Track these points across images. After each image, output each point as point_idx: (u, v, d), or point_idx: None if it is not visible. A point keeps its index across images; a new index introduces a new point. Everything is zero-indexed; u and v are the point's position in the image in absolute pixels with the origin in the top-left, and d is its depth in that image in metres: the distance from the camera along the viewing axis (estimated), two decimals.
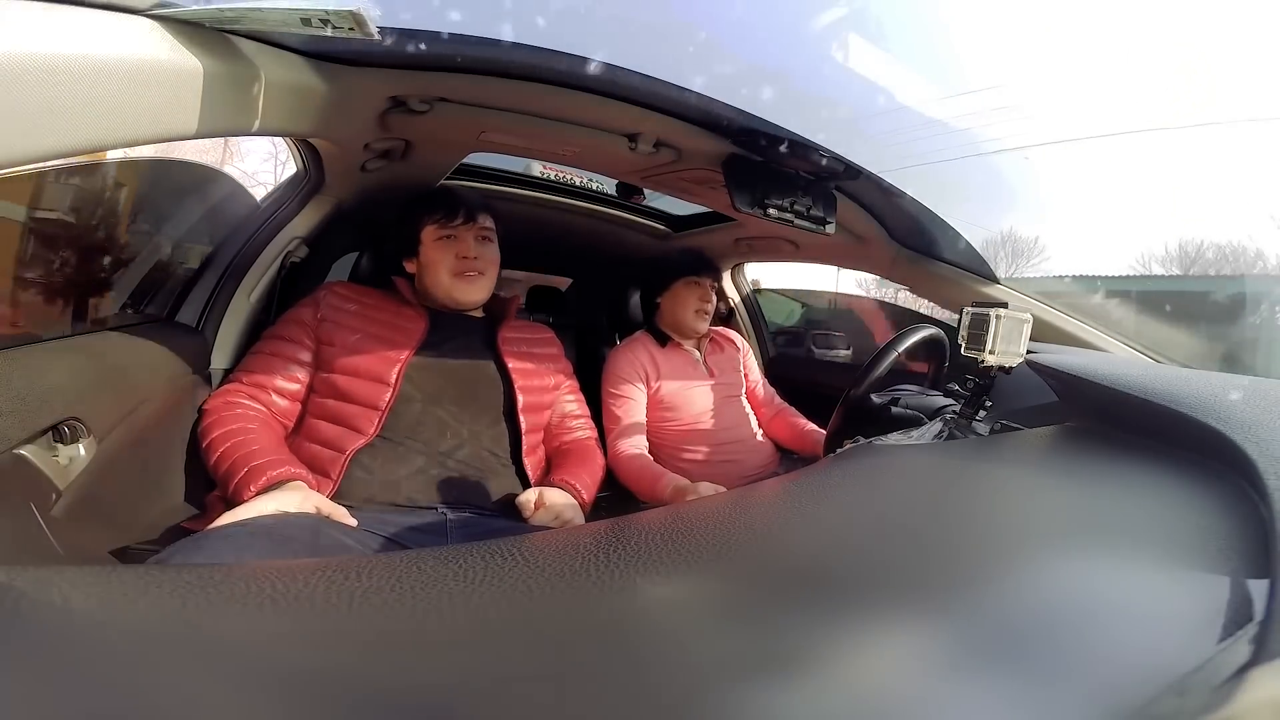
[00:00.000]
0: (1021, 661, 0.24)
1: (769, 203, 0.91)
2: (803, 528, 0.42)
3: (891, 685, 0.23)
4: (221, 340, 1.01)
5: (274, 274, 1.06)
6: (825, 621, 0.27)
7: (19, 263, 0.81)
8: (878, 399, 0.93)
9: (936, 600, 0.29)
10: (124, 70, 0.41)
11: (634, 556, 0.32)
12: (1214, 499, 0.40)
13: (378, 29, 0.46)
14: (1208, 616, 0.28)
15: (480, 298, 0.96)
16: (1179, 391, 0.50)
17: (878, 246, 1.24)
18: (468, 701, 0.20)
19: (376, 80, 0.70)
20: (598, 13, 0.79)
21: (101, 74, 0.40)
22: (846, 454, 0.68)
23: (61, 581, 0.24)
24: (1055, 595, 0.30)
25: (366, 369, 0.84)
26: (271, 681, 0.20)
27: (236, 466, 0.72)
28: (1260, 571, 0.30)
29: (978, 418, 0.79)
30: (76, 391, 0.68)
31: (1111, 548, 0.36)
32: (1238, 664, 0.23)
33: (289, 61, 0.58)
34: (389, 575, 0.27)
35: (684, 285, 1.27)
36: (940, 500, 0.49)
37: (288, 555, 0.55)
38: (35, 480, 0.62)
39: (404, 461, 0.82)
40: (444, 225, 0.92)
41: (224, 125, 0.53)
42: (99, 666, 0.19)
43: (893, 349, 0.92)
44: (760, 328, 1.83)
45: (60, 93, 0.38)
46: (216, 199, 1.14)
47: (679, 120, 0.84)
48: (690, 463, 1.21)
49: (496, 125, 0.89)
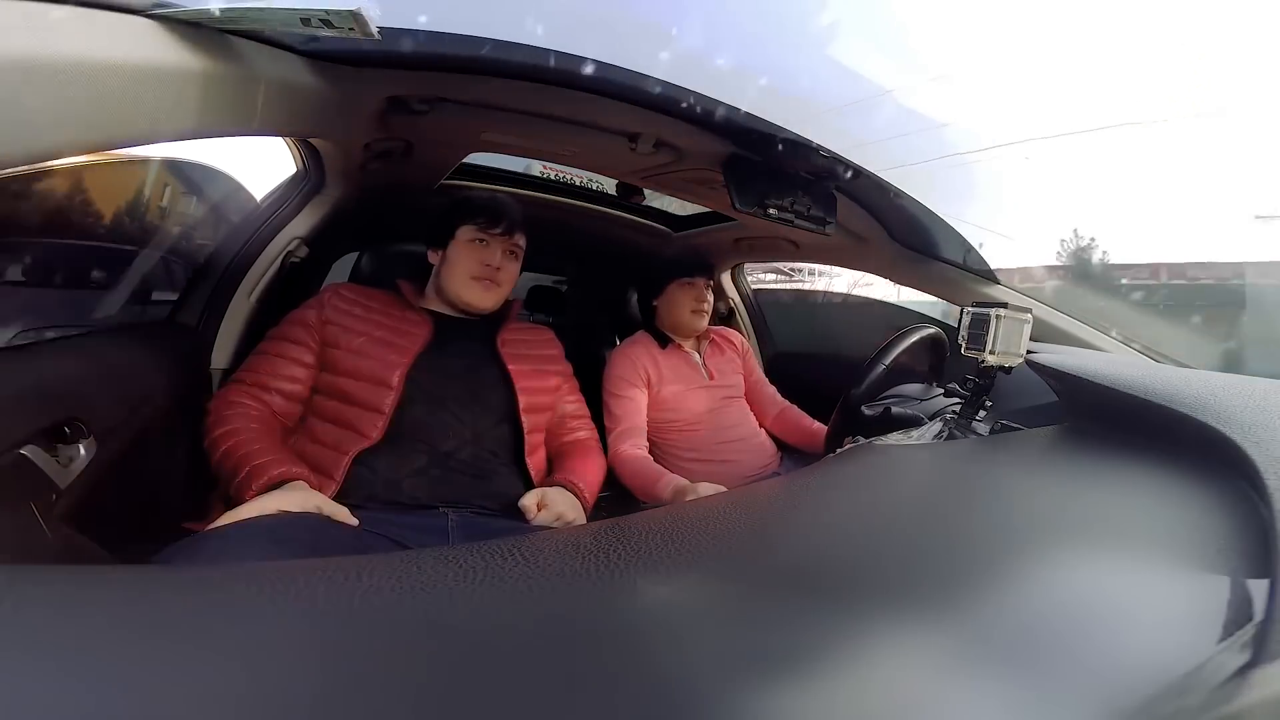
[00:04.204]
0: (1021, 662, 0.24)
1: (769, 203, 0.91)
2: (803, 528, 0.42)
3: (892, 685, 0.23)
4: (221, 340, 1.01)
5: (274, 274, 1.06)
6: (826, 621, 0.27)
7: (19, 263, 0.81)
8: (876, 403, 0.93)
9: (937, 600, 0.29)
10: (124, 70, 0.41)
11: (634, 556, 0.32)
12: (1214, 499, 0.40)
13: (378, 29, 0.46)
14: (1208, 616, 0.28)
15: (490, 306, 0.97)
16: (1179, 391, 0.50)
17: (878, 246, 1.24)
18: (469, 702, 0.20)
19: (376, 80, 0.70)
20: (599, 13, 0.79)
21: (101, 74, 0.40)
22: (846, 454, 0.68)
23: (61, 581, 0.24)
24: (1055, 595, 0.30)
25: (370, 372, 0.84)
26: (271, 682, 0.20)
27: (238, 466, 0.72)
28: (1260, 571, 0.30)
29: (978, 418, 0.79)
30: (76, 391, 0.68)
31: (1111, 548, 0.36)
32: (1238, 664, 0.23)
33: (289, 61, 0.58)
34: (390, 575, 0.27)
35: (678, 287, 1.27)
36: (940, 500, 0.49)
37: (288, 555, 0.55)
38: (35, 480, 0.62)
39: (406, 462, 0.82)
40: (481, 230, 0.94)
41: (224, 125, 0.53)
42: (99, 666, 0.19)
43: (893, 349, 0.92)
44: (761, 327, 1.83)
45: (60, 92, 0.38)
46: (216, 199, 1.14)
47: (679, 120, 0.83)
48: (690, 463, 1.21)
49: (496, 125, 0.89)
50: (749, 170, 0.92)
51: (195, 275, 1.02)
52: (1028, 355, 0.73)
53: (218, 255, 1.04)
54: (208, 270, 1.03)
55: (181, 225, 1.11)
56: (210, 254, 1.05)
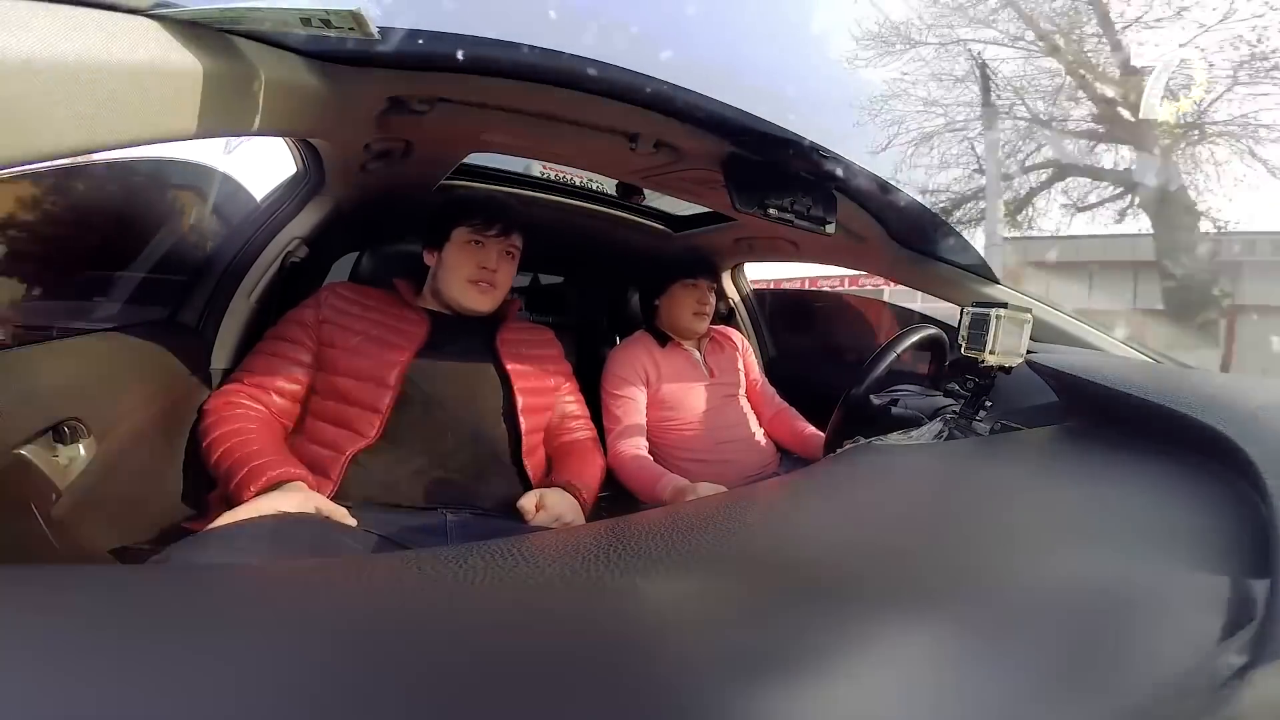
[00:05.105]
0: (1022, 661, 0.24)
1: (769, 203, 0.91)
2: (803, 528, 0.42)
3: (892, 685, 0.23)
4: (221, 340, 1.01)
5: (274, 274, 1.06)
6: (826, 621, 0.27)
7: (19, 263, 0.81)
8: (877, 400, 0.93)
9: (937, 600, 0.29)
10: (124, 70, 0.41)
11: (634, 557, 0.32)
12: (1214, 499, 0.40)
13: (378, 29, 0.46)
14: (1208, 616, 0.28)
15: (486, 309, 0.96)
16: (1179, 391, 0.50)
17: (878, 246, 1.24)
18: (469, 702, 0.20)
19: (376, 80, 0.70)
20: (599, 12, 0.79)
21: (101, 74, 0.40)
22: (846, 454, 0.68)
23: (61, 581, 0.24)
24: (1055, 595, 0.30)
25: (367, 371, 0.84)
26: (271, 682, 0.20)
27: (237, 466, 0.72)
28: (1260, 571, 0.30)
29: (978, 418, 0.79)
30: (76, 391, 0.68)
31: (1111, 548, 0.36)
32: (1238, 664, 0.23)
33: (289, 61, 0.58)
34: (389, 576, 0.27)
35: (680, 287, 1.27)
36: (940, 500, 0.49)
37: (288, 555, 0.55)
38: (35, 480, 0.62)
39: (404, 462, 0.82)
40: (477, 231, 0.94)
41: (224, 125, 0.53)
42: (99, 667, 0.19)
43: (893, 349, 0.92)
44: (760, 327, 1.83)
45: (59, 93, 0.38)
46: (216, 199, 1.14)
47: (679, 120, 0.83)
48: (690, 463, 1.21)
49: (496, 125, 0.88)
50: (749, 170, 0.92)
51: (195, 275, 1.02)
52: (1028, 355, 0.73)
53: (218, 255, 1.04)
54: (207, 270, 1.03)
55: (181, 225, 1.11)
56: (210, 254, 1.05)
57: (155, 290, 1.02)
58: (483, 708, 0.19)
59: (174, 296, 1.01)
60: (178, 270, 1.04)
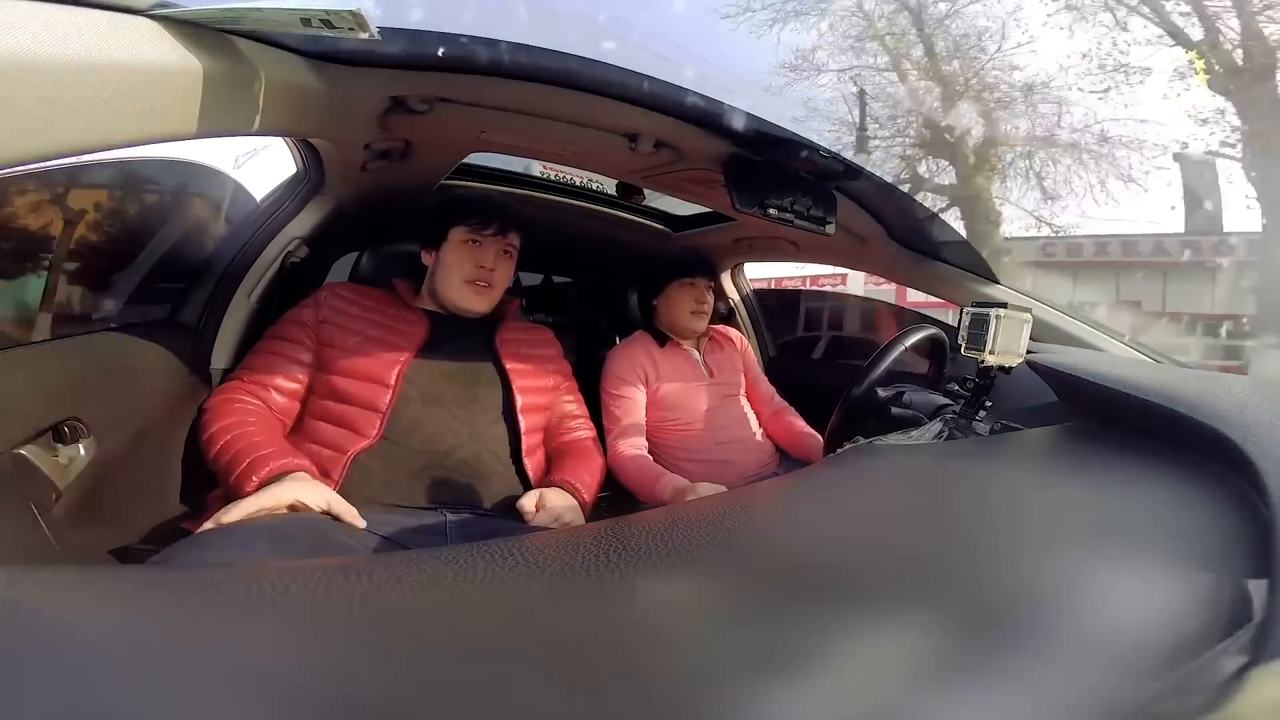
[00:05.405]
0: (1022, 661, 0.24)
1: (769, 203, 0.91)
2: (802, 528, 0.42)
3: (892, 685, 0.23)
4: (221, 340, 1.01)
5: (274, 274, 1.06)
6: (825, 621, 0.27)
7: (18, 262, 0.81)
8: (883, 392, 0.93)
9: (937, 600, 0.29)
10: (124, 70, 0.41)
11: (634, 557, 0.32)
12: (1214, 499, 0.40)
13: (378, 29, 0.46)
14: (1208, 616, 0.28)
15: (484, 309, 0.96)
16: (1179, 391, 0.50)
17: (878, 246, 1.24)
18: (469, 703, 0.20)
19: (376, 80, 0.70)
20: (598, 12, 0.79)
21: (101, 74, 0.40)
22: (846, 454, 0.68)
23: (61, 581, 0.24)
24: (1055, 595, 0.30)
25: (366, 371, 0.84)
26: (271, 682, 0.20)
27: (238, 459, 0.71)
28: (1260, 571, 0.30)
29: (978, 418, 0.79)
30: (76, 391, 0.68)
31: (1111, 548, 0.36)
32: (1238, 664, 0.23)
33: (289, 61, 0.58)
34: (389, 575, 0.27)
35: (678, 287, 1.27)
36: (940, 500, 0.49)
37: (288, 555, 0.55)
38: (35, 480, 0.62)
39: (404, 462, 0.82)
40: (473, 231, 0.93)
41: (224, 125, 0.53)
42: (99, 667, 0.19)
43: (893, 349, 0.92)
44: (760, 327, 1.83)
45: (59, 93, 0.38)
46: (216, 199, 1.14)
47: (679, 120, 0.83)
48: (690, 462, 1.21)
49: (496, 125, 0.88)
50: (749, 170, 0.92)
51: (195, 275, 1.02)
52: (1028, 355, 0.73)
53: (218, 255, 1.04)
54: (207, 270, 1.03)
55: (182, 225, 1.11)
56: (210, 254, 1.05)
57: (155, 290, 1.02)
58: (483, 708, 0.19)
59: (174, 296, 1.01)
60: (178, 270, 1.04)
